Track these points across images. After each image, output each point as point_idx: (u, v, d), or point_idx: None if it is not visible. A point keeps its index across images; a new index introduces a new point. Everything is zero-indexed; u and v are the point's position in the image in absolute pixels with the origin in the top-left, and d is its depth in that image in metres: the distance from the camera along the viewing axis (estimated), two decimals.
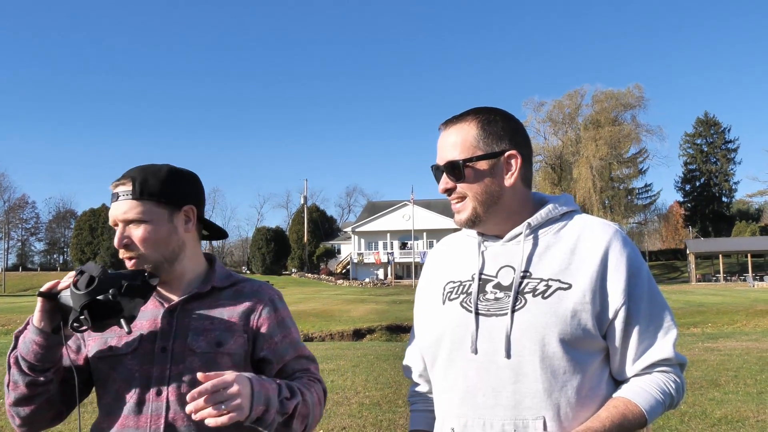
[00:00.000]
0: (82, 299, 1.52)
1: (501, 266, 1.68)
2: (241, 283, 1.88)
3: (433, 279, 1.85)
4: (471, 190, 1.67)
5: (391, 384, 9.03)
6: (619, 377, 1.65)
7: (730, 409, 7.00)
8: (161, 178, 1.76)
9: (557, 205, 1.73)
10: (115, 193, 1.75)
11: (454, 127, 1.71)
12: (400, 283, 59.90)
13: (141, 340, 1.74)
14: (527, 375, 1.55)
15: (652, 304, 1.62)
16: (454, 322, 1.67)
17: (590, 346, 1.59)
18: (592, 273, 1.59)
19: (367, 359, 12.22)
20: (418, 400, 1.90)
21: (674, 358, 1.61)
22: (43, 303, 1.61)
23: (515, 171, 1.68)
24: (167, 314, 1.76)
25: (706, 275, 60.06)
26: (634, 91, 66.38)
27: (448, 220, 64.28)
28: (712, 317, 23.38)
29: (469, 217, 1.69)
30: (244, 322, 1.80)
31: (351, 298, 37.42)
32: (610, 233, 1.65)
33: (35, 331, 1.61)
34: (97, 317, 1.55)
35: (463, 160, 1.66)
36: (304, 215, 75.85)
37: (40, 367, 1.63)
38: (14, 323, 24.06)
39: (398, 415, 7.02)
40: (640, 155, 69.23)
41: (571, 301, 1.56)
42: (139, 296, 1.61)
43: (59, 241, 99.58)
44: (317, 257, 74.64)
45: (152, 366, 1.71)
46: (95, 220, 75.56)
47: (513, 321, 1.58)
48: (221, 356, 1.74)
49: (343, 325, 23.91)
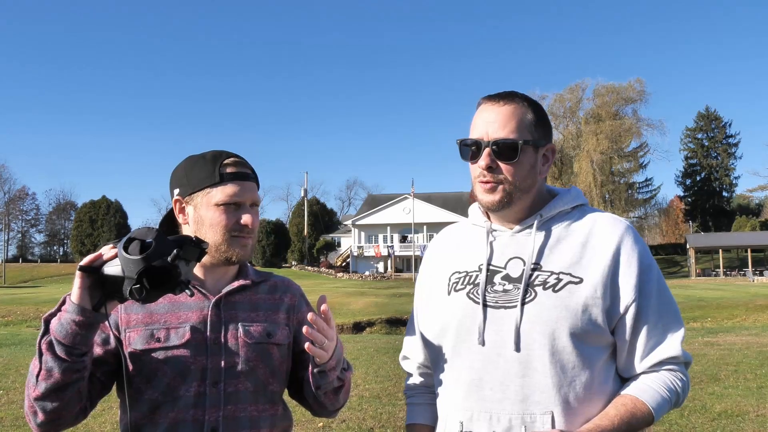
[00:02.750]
0: (139, 265, 1.40)
1: (510, 257, 1.65)
2: (272, 278, 1.92)
3: (436, 269, 1.81)
4: (513, 173, 1.61)
5: (390, 377, 9.06)
6: (625, 374, 1.63)
7: (730, 404, 7.00)
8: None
9: (569, 198, 1.71)
10: (243, 172, 1.77)
11: (509, 105, 1.63)
12: (400, 276, 59.88)
13: (192, 332, 1.70)
14: (536, 369, 1.54)
15: (661, 301, 1.60)
16: (461, 313, 1.64)
17: (599, 342, 1.57)
18: (604, 268, 1.57)
19: (366, 352, 12.23)
20: (416, 392, 1.88)
21: (682, 357, 1.60)
22: (83, 278, 1.49)
23: (550, 164, 1.67)
24: (215, 306, 1.75)
25: (706, 270, 59.99)
26: (636, 85, 66.25)
27: (448, 214, 64.33)
28: (712, 312, 23.40)
29: (501, 199, 1.62)
30: (286, 315, 1.84)
31: (351, 291, 37.40)
32: (622, 229, 1.63)
33: (75, 309, 1.48)
34: (155, 284, 1.43)
35: (523, 141, 1.60)
36: (305, 208, 75.75)
37: (79, 350, 1.51)
38: (14, 314, 24.06)
39: (398, 408, 7.03)
40: (641, 149, 69.07)
41: (583, 296, 1.55)
42: (192, 260, 1.51)
43: (59, 232, 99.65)
44: (317, 250, 74.56)
45: (206, 357, 1.69)
46: (95, 212, 75.67)
47: (523, 314, 1.56)
48: (272, 347, 1.76)
49: (343, 318, 23.91)
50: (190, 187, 1.75)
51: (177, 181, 1.79)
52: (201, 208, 1.74)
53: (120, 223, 75.00)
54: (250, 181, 1.78)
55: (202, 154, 1.80)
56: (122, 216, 76.24)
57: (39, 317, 3.16)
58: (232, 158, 1.77)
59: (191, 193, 1.75)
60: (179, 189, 1.77)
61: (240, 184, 1.74)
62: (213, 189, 1.72)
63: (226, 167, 1.74)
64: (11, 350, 13.23)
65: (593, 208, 1.74)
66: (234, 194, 1.72)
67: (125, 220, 76.61)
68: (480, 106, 1.68)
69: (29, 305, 26.39)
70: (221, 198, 1.72)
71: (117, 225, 74.29)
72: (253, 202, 1.78)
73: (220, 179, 1.72)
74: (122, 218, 76.01)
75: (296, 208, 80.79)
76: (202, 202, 1.74)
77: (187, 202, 1.77)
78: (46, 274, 68.81)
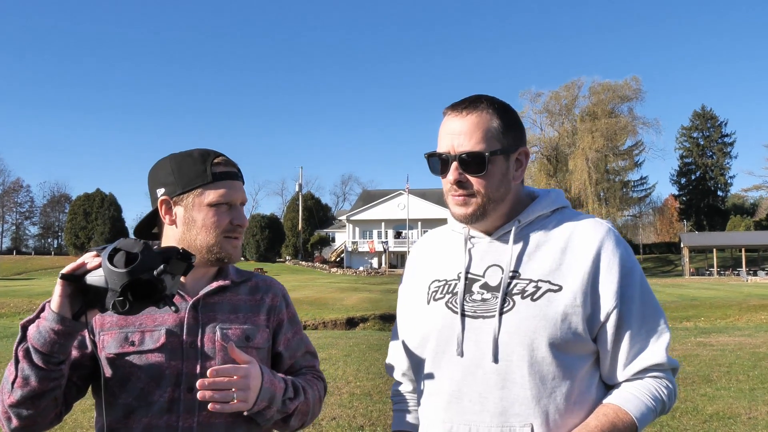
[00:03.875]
0: (124, 278, 1.35)
1: (488, 265, 1.61)
2: (254, 278, 1.87)
3: (417, 277, 1.77)
4: (485, 185, 1.56)
5: (382, 374, 9.00)
6: (609, 381, 1.59)
7: (722, 405, 6.98)
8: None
9: (547, 201, 1.66)
10: (233, 172, 1.74)
11: (473, 114, 1.57)
12: (394, 272, 59.94)
13: (168, 335, 1.66)
14: (515, 381, 1.50)
15: (644, 306, 1.55)
16: (440, 323, 1.60)
17: (580, 350, 1.53)
18: (584, 274, 1.52)
19: (359, 348, 12.19)
20: (401, 399, 1.85)
21: (667, 363, 1.55)
22: (64, 286, 1.44)
23: (524, 168, 1.61)
24: (192, 308, 1.70)
25: (699, 269, 60.17)
26: (632, 83, 66.33)
27: (443, 210, 64.27)
28: (705, 311, 23.41)
29: (473, 212, 1.58)
30: (266, 317, 1.80)
31: (345, 286, 37.35)
32: (602, 232, 1.58)
33: (54, 317, 1.44)
34: (138, 297, 1.39)
35: (489, 152, 1.55)
36: (299, 203, 75.76)
37: (56, 358, 1.48)
38: (8, 306, 23.93)
39: (388, 405, 6.98)
40: (636, 148, 69.25)
41: (562, 304, 1.50)
42: (179, 274, 1.47)
43: (53, 225, 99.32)
44: (311, 245, 74.58)
45: (181, 362, 1.65)
46: (89, 205, 75.36)
47: (501, 324, 1.52)
48: (251, 351, 1.71)
49: (337, 313, 23.86)
50: (180, 186, 1.70)
51: (161, 181, 1.73)
52: (192, 208, 1.69)
53: (114, 216, 74.74)
54: (238, 180, 1.76)
55: (187, 152, 1.75)
56: (116, 209, 75.95)
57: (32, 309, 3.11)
58: (221, 157, 1.74)
59: (181, 193, 1.70)
60: (165, 189, 1.72)
61: (231, 183, 1.72)
62: (205, 189, 1.69)
63: (216, 166, 1.71)
64: (3, 343, 13.17)
65: (574, 211, 1.69)
66: (226, 194, 1.70)
67: (119, 213, 76.35)
68: (445, 117, 1.62)
69: (23, 297, 26.26)
70: (214, 198, 1.68)
71: (111, 218, 74.05)
72: (242, 202, 1.76)
73: (212, 179, 1.69)
74: (116, 211, 75.73)
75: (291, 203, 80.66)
76: (193, 202, 1.69)
77: (175, 203, 1.71)
78: (40, 267, 68.57)
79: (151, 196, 1.77)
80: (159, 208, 1.74)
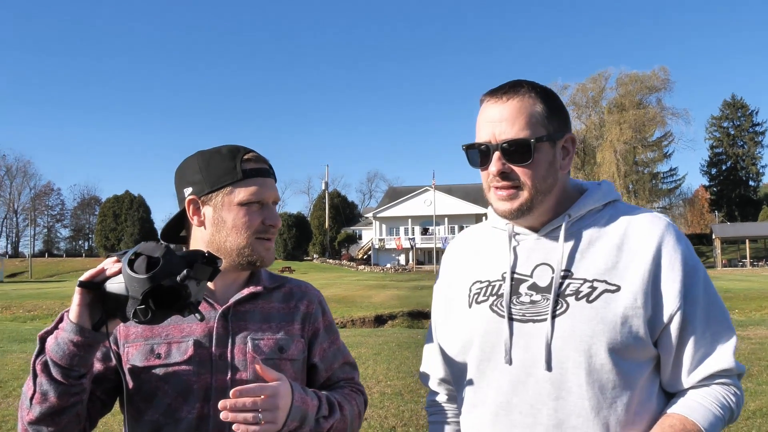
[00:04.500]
0: (145, 284, 1.26)
1: (536, 264, 1.48)
2: (288, 283, 1.76)
3: (455, 277, 1.64)
4: (531, 176, 1.43)
5: (413, 373, 8.89)
6: (670, 389, 1.46)
7: (765, 401, 6.76)
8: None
9: (599, 194, 1.53)
10: (265, 168, 1.64)
11: (514, 99, 1.44)
12: (422, 268, 59.76)
13: (195, 347, 1.56)
14: (571, 390, 1.37)
15: (709, 306, 1.42)
16: (484, 328, 1.48)
17: (641, 356, 1.40)
18: (644, 273, 1.39)
19: (388, 347, 12.09)
20: (437, 410, 1.73)
21: (735, 368, 1.41)
22: (83, 294, 1.35)
23: (571, 156, 1.47)
24: (222, 317, 1.60)
25: (732, 260, 59.07)
26: (660, 74, 65.19)
27: (469, 206, 64.04)
28: (739, 303, 22.91)
29: (520, 206, 1.45)
30: (301, 326, 1.68)
31: (372, 283, 37.29)
32: (662, 227, 1.45)
33: (73, 328, 1.35)
34: (161, 305, 1.30)
35: (535, 138, 1.42)
36: (326, 201, 75.85)
37: (77, 372, 1.38)
38: (40, 308, 24.28)
39: (420, 405, 6.88)
40: (665, 139, 68.15)
41: (621, 305, 1.37)
42: (204, 279, 1.37)
43: (84, 227, 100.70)
44: (338, 243, 74.69)
45: (210, 375, 1.55)
46: (119, 207, 76.41)
47: (554, 328, 1.39)
48: (284, 363, 1.61)
49: (365, 311, 23.81)
50: (208, 185, 1.60)
51: (189, 179, 1.63)
52: (222, 208, 1.59)
53: (143, 217, 75.68)
54: (270, 177, 1.66)
55: (215, 148, 1.65)
56: (145, 210, 76.90)
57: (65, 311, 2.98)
58: (251, 153, 1.63)
59: (209, 192, 1.60)
60: (193, 188, 1.62)
61: (263, 181, 1.62)
62: (236, 187, 1.59)
63: (247, 163, 1.60)
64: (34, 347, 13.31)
65: (628, 204, 1.56)
66: (258, 192, 1.60)
67: (148, 214, 77.29)
68: (483, 104, 1.49)
69: (54, 299, 26.61)
70: (245, 196, 1.58)
71: (140, 219, 74.98)
72: (274, 200, 1.66)
73: (243, 176, 1.59)
74: (145, 212, 76.68)
75: (317, 201, 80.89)
76: (223, 201, 1.59)
77: (204, 202, 1.61)
78: (71, 269, 69.60)
79: (178, 196, 1.67)
80: (186, 209, 1.64)
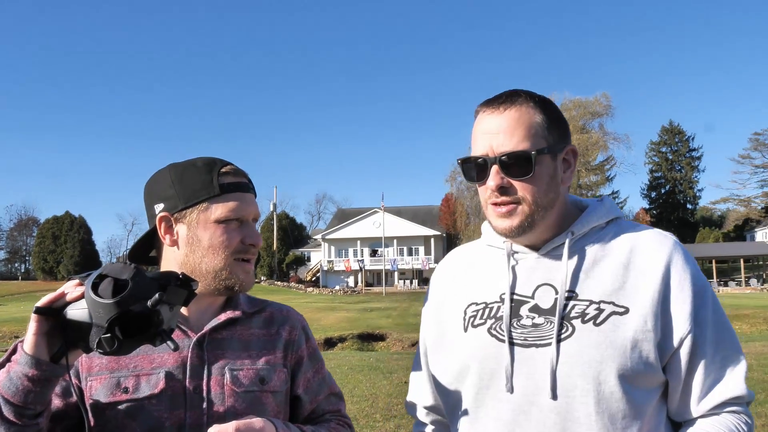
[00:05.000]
0: (112, 310, 1.12)
1: (538, 284, 1.39)
2: (268, 307, 1.61)
3: (447, 299, 1.53)
4: (532, 190, 1.35)
5: (367, 397, 8.74)
6: (679, 418, 1.38)
7: None
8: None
9: (602, 211, 1.45)
10: (244, 182, 1.50)
11: (512, 109, 1.36)
12: (371, 290, 59.55)
13: (167, 379, 1.40)
14: (579, 421, 1.28)
15: (718, 329, 1.35)
16: (482, 353, 1.38)
17: (650, 383, 1.32)
18: (653, 294, 1.31)
19: (341, 371, 11.88)
20: None
21: (746, 396, 1.33)
22: (40, 322, 1.20)
23: (573, 169, 1.39)
24: (197, 345, 1.44)
25: None
26: (602, 100, 67.09)
27: (418, 227, 64.37)
28: None
29: (520, 223, 1.36)
30: (283, 354, 1.54)
31: (321, 306, 36.92)
32: (669, 246, 1.37)
33: (28, 361, 1.20)
34: (129, 333, 1.15)
35: (536, 150, 1.34)
36: (274, 222, 75.08)
37: (32, 410, 1.23)
38: None
39: (376, 430, 6.75)
40: (608, 163, 70.01)
41: (630, 329, 1.29)
42: (178, 304, 1.24)
43: (21, 249, 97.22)
44: (287, 265, 73.95)
45: (184, 410, 1.39)
46: (58, 228, 74.00)
47: (559, 353, 1.30)
48: (266, 395, 1.46)
49: (314, 333, 23.45)
50: (182, 201, 1.45)
51: (160, 194, 1.49)
52: (197, 226, 1.45)
53: (84, 239, 73.43)
54: (250, 192, 1.53)
55: (189, 161, 1.51)
56: (86, 232, 74.63)
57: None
58: (229, 166, 1.50)
59: (183, 208, 1.45)
60: (165, 204, 1.47)
61: (242, 196, 1.48)
62: (212, 203, 1.44)
63: (225, 176, 1.47)
64: None
65: (631, 222, 1.49)
66: (237, 208, 1.46)
67: (90, 235, 75.03)
68: (478, 116, 1.41)
69: None
70: (223, 213, 1.44)
71: (81, 241, 72.71)
72: (254, 217, 1.53)
73: (220, 190, 1.45)
74: (86, 234, 74.42)
75: (265, 223, 79.98)
76: (198, 218, 1.45)
77: (177, 220, 1.47)
78: (7, 293, 66.84)
79: (148, 213, 1.52)
80: (158, 227, 1.49)
